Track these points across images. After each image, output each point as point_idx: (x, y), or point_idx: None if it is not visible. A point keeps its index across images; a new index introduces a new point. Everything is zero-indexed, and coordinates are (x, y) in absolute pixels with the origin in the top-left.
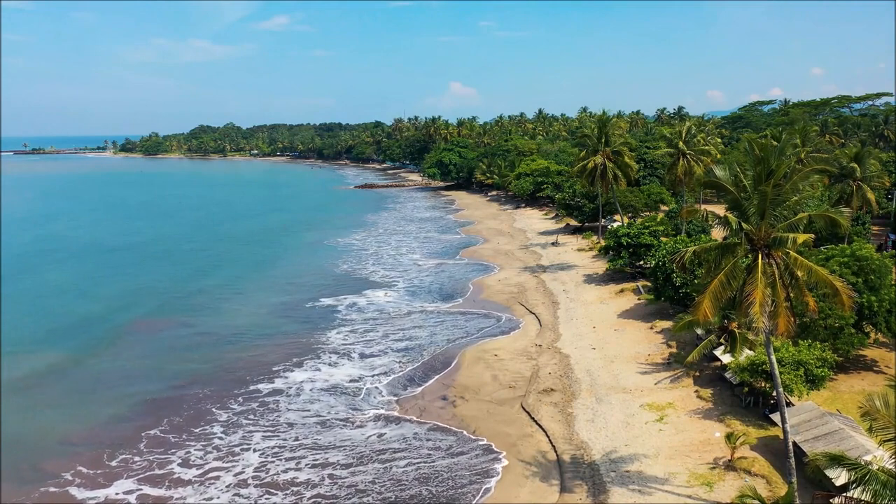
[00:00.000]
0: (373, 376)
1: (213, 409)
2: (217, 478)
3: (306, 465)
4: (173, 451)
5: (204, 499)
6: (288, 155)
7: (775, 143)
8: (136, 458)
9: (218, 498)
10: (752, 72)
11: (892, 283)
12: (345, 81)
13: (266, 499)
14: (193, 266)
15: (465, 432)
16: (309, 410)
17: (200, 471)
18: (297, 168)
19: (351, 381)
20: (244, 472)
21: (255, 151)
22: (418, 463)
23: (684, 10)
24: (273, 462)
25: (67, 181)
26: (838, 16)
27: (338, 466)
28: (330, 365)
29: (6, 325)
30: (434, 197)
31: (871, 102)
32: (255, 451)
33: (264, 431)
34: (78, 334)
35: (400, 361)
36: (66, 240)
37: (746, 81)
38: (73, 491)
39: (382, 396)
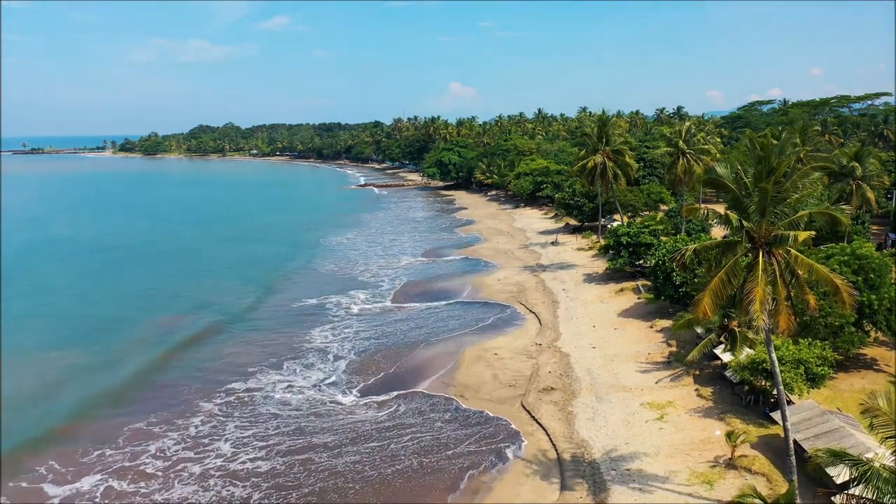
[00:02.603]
0: (367, 375)
1: (200, 403)
2: (183, 469)
3: (278, 453)
4: (150, 442)
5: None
6: (287, 155)
7: (775, 141)
8: (111, 452)
9: (180, 488)
10: (751, 72)
11: (892, 281)
12: (345, 81)
13: (228, 490)
14: (188, 266)
15: (488, 412)
16: (290, 405)
17: (168, 462)
18: (297, 168)
19: (337, 381)
20: (211, 462)
21: (255, 151)
22: (394, 447)
23: (684, 10)
24: (253, 449)
25: (67, 181)
26: (837, 16)
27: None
28: (306, 367)
29: (7, 325)
30: (433, 196)
31: (870, 102)
32: (235, 441)
33: (242, 422)
34: (75, 334)
35: (395, 360)
36: (66, 240)
37: (746, 82)
38: (45, 486)
39: (376, 395)
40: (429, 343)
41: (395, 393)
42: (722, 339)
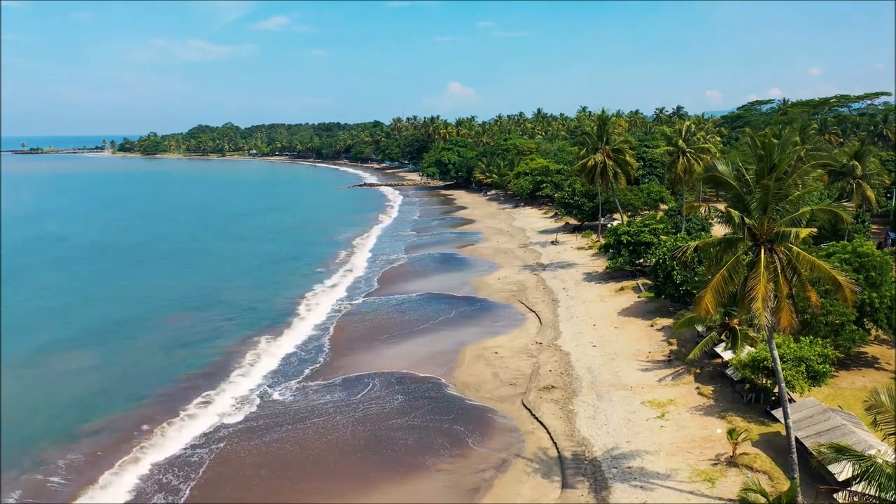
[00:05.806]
0: (366, 376)
1: (170, 398)
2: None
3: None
4: (114, 435)
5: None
6: (287, 155)
7: (776, 140)
8: (73, 445)
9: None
10: (750, 72)
11: (893, 279)
12: (344, 81)
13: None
14: (183, 266)
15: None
16: (275, 403)
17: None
18: (296, 168)
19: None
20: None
21: (254, 151)
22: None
23: (683, 9)
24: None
25: (69, 181)
26: (836, 16)
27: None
28: (273, 369)
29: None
30: (433, 196)
31: (869, 102)
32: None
33: (205, 416)
34: (82, 333)
35: (395, 359)
36: (66, 240)
37: (745, 81)
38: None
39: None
40: (428, 341)
41: (406, 394)
42: (723, 337)
